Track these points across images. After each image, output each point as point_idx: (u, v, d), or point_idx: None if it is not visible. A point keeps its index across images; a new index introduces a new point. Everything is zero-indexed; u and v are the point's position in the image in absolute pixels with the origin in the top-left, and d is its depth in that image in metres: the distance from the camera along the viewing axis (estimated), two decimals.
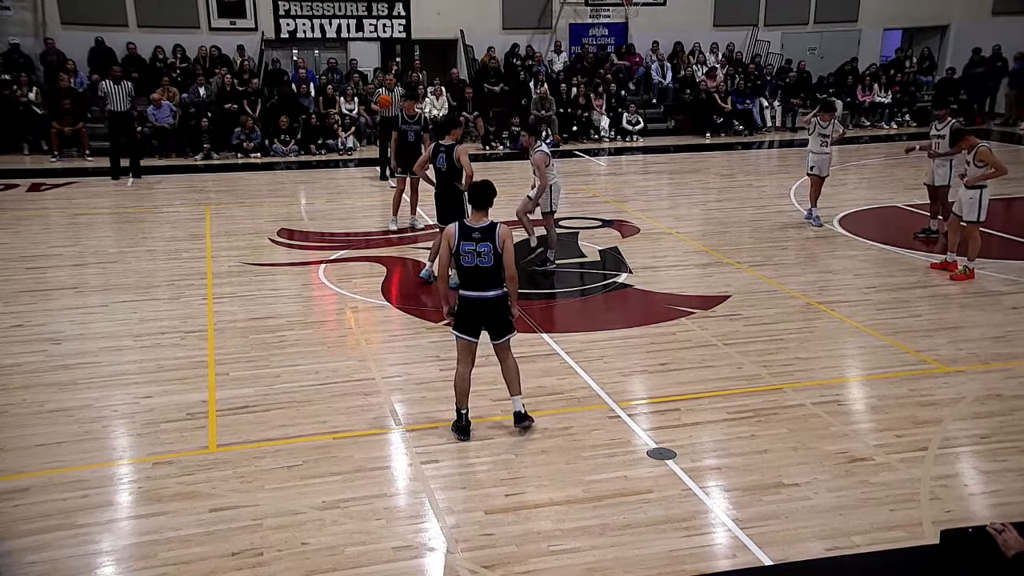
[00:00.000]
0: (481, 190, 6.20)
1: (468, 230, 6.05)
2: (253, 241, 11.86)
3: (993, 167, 9.77)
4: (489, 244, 6.01)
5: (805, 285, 9.92)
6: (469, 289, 6.14)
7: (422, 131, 12.16)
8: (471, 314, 6.18)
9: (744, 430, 6.48)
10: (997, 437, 6.39)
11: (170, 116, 18.05)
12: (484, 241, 6.01)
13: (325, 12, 20.72)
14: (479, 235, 6.02)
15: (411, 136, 12.12)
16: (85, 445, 6.31)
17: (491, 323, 6.22)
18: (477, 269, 6.06)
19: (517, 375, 6.37)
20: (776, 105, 21.95)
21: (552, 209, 10.45)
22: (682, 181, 16.41)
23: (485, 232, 6.03)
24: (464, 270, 6.11)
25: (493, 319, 6.20)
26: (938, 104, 12.62)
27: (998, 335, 8.42)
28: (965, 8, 24.14)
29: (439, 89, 19.93)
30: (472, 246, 6.01)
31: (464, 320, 6.21)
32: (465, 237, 6.03)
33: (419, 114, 12.37)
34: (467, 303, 6.17)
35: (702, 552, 5.07)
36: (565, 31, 22.39)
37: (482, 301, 6.13)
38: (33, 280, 10.16)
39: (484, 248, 6.01)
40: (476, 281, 6.10)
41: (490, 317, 6.19)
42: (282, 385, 7.28)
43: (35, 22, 19.34)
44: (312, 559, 4.98)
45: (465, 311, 6.19)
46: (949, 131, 11.14)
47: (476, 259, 6.04)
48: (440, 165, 9.43)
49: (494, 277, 6.10)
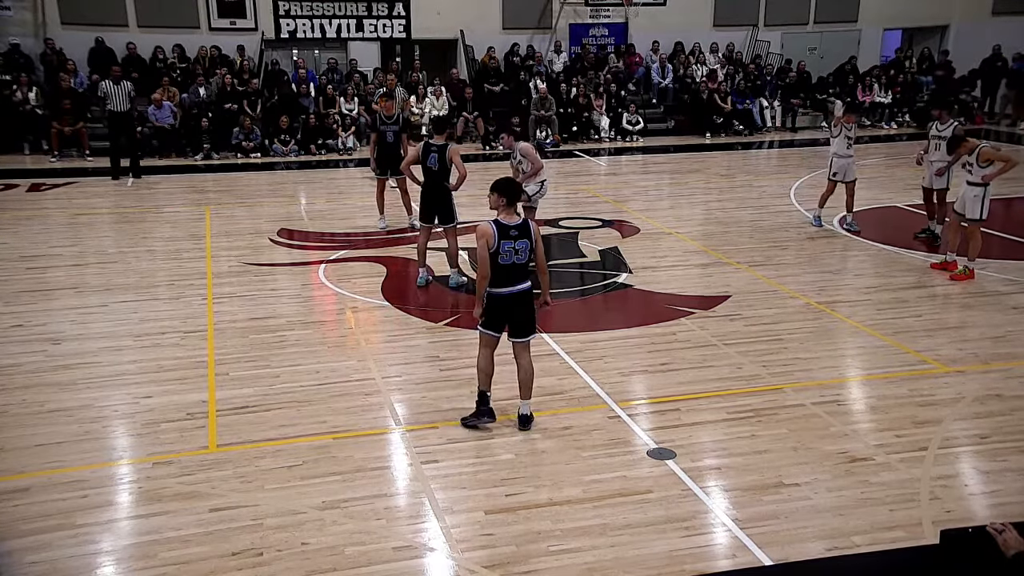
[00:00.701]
0: (512, 187, 6.32)
1: (505, 228, 6.12)
2: (253, 241, 11.87)
3: (1002, 161, 9.76)
4: (527, 240, 6.15)
5: (805, 285, 9.92)
6: (502, 286, 6.19)
7: (400, 132, 12.13)
8: (502, 311, 6.26)
9: (744, 430, 6.48)
10: (997, 437, 6.39)
11: (170, 116, 18.05)
12: (522, 238, 6.13)
13: (325, 12, 20.73)
14: (516, 232, 6.12)
15: (390, 137, 12.07)
16: (85, 445, 6.31)
17: (519, 317, 6.28)
18: (514, 266, 6.16)
19: (531, 380, 6.44)
20: (776, 105, 21.94)
21: (533, 203, 10.41)
22: (682, 181, 16.41)
23: (521, 229, 6.15)
24: (500, 268, 6.15)
25: (522, 313, 6.28)
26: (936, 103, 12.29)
27: (998, 335, 8.42)
28: (965, 8, 24.15)
29: (439, 89, 19.93)
30: (511, 244, 6.09)
31: (493, 317, 6.28)
32: (504, 236, 6.09)
33: (397, 114, 12.33)
34: (500, 300, 6.23)
35: (702, 552, 5.07)
36: (565, 31, 22.39)
37: (515, 295, 6.20)
38: (33, 280, 10.16)
39: (522, 245, 6.13)
40: (510, 277, 6.18)
41: (520, 310, 6.26)
42: (282, 385, 7.28)
43: (35, 22, 19.35)
44: (312, 559, 4.98)
45: (496, 308, 6.26)
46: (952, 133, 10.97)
47: (514, 256, 6.13)
48: (432, 165, 9.41)
49: (526, 271, 6.26)
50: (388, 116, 12.11)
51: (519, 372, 6.42)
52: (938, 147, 11.14)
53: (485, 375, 6.41)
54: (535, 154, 10.24)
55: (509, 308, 6.26)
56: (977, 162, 9.82)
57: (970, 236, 9.98)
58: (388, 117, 12.11)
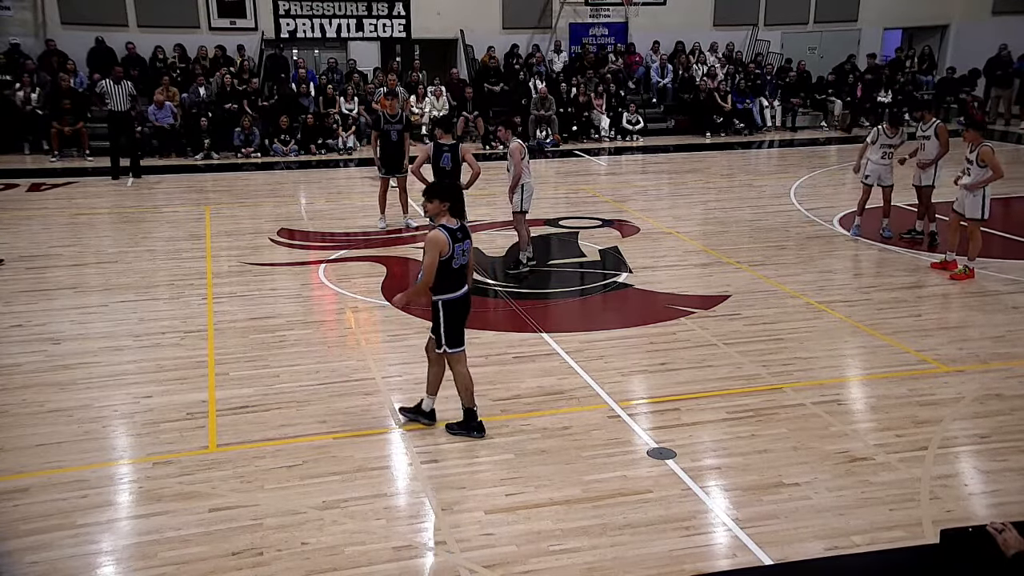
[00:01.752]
0: (456, 191, 6.37)
1: (453, 232, 6.06)
2: (253, 241, 11.87)
3: (992, 169, 9.75)
4: (469, 240, 6.19)
5: (805, 285, 9.92)
6: (457, 290, 6.16)
7: (403, 130, 12.11)
8: (464, 314, 6.26)
9: (744, 430, 6.48)
10: (997, 437, 6.39)
11: (170, 116, 18.05)
12: (466, 239, 6.16)
13: (325, 12, 20.74)
14: (461, 234, 6.12)
15: (394, 136, 12.06)
16: (85, 445, 6.31)
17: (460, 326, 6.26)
18: (463, 268, 6.17)
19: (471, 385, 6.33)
20: (776, 105, 21.95)
21: (523, 209, 10.25)
22: (682, 181, 16.40)
23: (464, 232, 6.17)
24: (454, 272, 6.10)
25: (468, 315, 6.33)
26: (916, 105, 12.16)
27: (998, 335, 8.41)
28: (965, 8, 24.15)
29: (439, 89, 19.94)
30: (461, 247, 6.09)
31: (459, 323, 6.22)
32: (456, 240, 6.05)
33: (400, 113, 12.31)
34: (462, 303, 6.21)
35: (702, 552, 5.07)
36: (565, 31, 22.39)
37: (468, 295, 6.25)
38: (33, 280, 10.16)
39: (468, 245, 6.18)
40: (461, 279, 6.18)
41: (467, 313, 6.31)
42: (282, 385, 7.28)
43: (35, 22, 19.35)
44: (312, 559, 4.98)
45: (461, 312, 6.22)
46: (934, 131, 11.13)
47: (463, 257, 6.14)
48: (445, 164, 9.41)
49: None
50: (391, 115, 12.10)
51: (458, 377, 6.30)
52: (923, 147, 11.27)
53: (468, 392, 6.31)
54: (519, 158, 9.91)
55: (467, 309, 6.27)
56: (976, 162, 9.81)
57: (971, 236, 9.98)
58: (391, 116, 12.10)
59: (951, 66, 23.32)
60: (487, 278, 10.22)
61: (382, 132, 12.12)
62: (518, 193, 10.11)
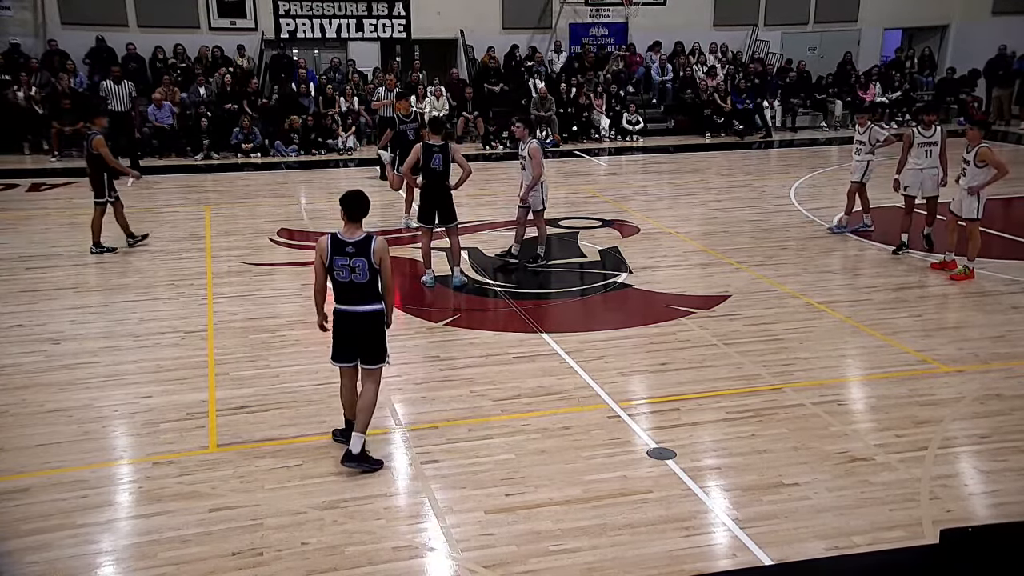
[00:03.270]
0: (354, 200, 5.77)
1: (341, 244, 5.68)
2: (253, 241, 11.86)
3: (995, 167, 9.71)
4: (363, 259, 5.67)
5: (805, 285, 9.92)
6: (343, 303, 5.77)
7: (419, 129, 12.12)
8: (346, 331, 5.82)
9: (744, 430, 6.48)
10: (997, 437, 6.39)
11: (169, 116, 18.04)
12: (359, 256, 5.66)
13: (325, 12, 20.73)
14: (353, 249, 5.67)
15: (411, 135, 12.08)
16: (85, 445, 6.31)
17: (364, 342, 5.84)
18: (352, 284, 5.71)
19: (368, 412, 5.88)
20: (776, 105, 21.94)
21: (543, 207, 10.45)
22: (682, 181, 16.41)
23: (359, 246, 5.68)
24: (338, 285, 5.75)
25: (366, 337, 5.83)
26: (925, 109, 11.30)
27: (998, 335, 8.41)
28: (965, 8, 24.15)
29: (439, 89, 19.92)
30: (346, 261, 5.66)
31: (338, 339, 5.87)
32: (338, 251, 5.67)
33: (414, 112, 12.32)
34: (342, 317, 5.79)
35: (702, 552, 5.07)
36: (565, 31, 22.39)
37: (356, 315, 5.76)
38: (33, 280, 10.16)
39: (358, 263, 5.66)
40: (350, 296, 5.74)
41: (364, 334, 5.82)
42: (282, 385, 7.28)
43: (35, 22, 19.34)
44: (312, 559, 4.98)
45: (339, 327, 5.83)
46: (940, 136, 10.75)
47: (351, 274, 5.68)
48: (435, 166, 9.39)
49: (370, 292, 5.77)
50: (406, 115, 12.13)
51: (360, 397, 5.93)
52: (929, 154, 10.73)
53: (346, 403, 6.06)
54: (540, 159, 10.17)
55: (353, 329, 5.80)
56: (974, 162, 9.78)
57: (969, 236, 9.96)
58: (406, 116, 12.13)
59: (951, 66, 23.33)
60: (487, 278, 10.22)
61: (398, 132, 12.14)
62: (538, 191, 10.23)
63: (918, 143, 10.77)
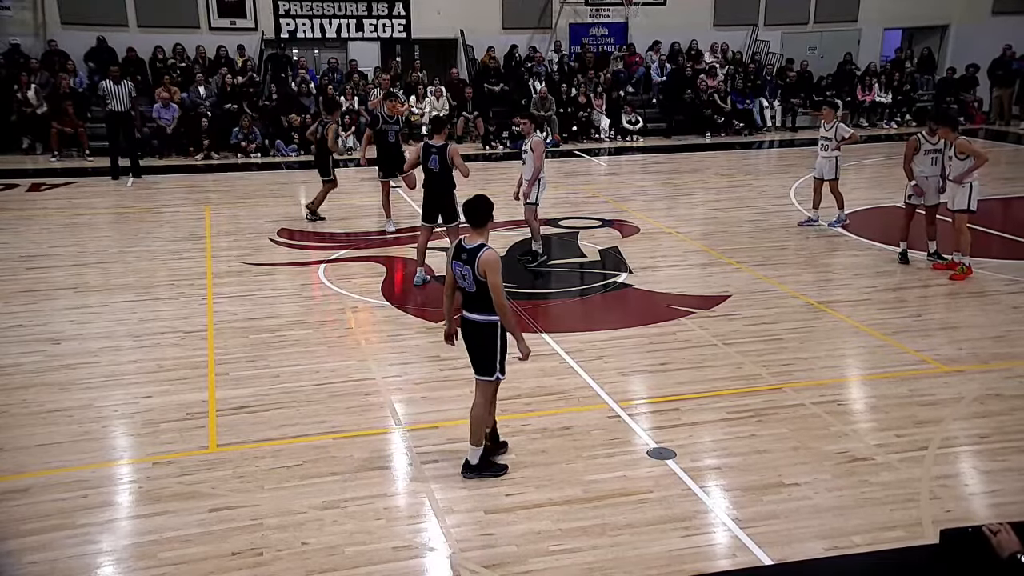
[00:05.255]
0: (471, 207, 5.72)
1: (460, 249, 5.65)
2: (253, 241, 11.86)
3: (974, 156, 9.76)
4: (469, 268, 5.55)
5: (804, 285, 9.92)
6: (463, 308, 5.77)
7: (400, 131, 12.05)
8: (463, 336, 5.84)
9: (744, 430, 6.48)
10: (997, 437, 6.39)
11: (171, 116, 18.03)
12: (467, 264, 5.56)
13: (325, 12, 20.73)
14: (466, 256, 5.57)
15: (391, 136, 11.99)
16: (85, 445, 6.31)
17: (472, 351, 5.80)
18: (464, 291, 5.70)
19: (477, 422, 5.81)
20: (776, 105, 21.95)
21: (537, 202, 10.45)
22: (682, 181, 16.41)
23: (471, 254, 5.55)
24: (460, 289, 5.73)
25: (473, 346, 5.78)
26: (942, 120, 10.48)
27: (998, 335, 8.41)
28: (965, 8, 24.15)
29: (439, 89, 19.93)
30: (460, 267, 5.62)
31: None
32: (456, 256, 5.65)
33: (400, 114, 12.22)
34: (461, 322, 5.83)
35: (702, 552, 5.07)
36: (565, 31, 22.39)
37: (465, 322, 5.75)
38: (33, 280, 10.16)
39: (467, 271, 5.57)
40: (465, 302, 5.74)
41: (471, 343, 5.79)
42: (282, 385, 7.28)
43: (35, 22, 19.34)
44: (312, 559, 4.98)
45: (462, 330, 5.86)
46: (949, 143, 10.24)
47: (462, 281, 5.65)
48: (433, 166, 9.36)
49: (479, 302, 5.64)
50: (390, 116, 11.99)
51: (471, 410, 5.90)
52: (935, 162, 10.35)
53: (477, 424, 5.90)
54: (541, 152, 10.25)
55: (465, 333, 5.82)
56: (955, 154, 9.84)
57: (958, 230, 9.95)
58: (390, 116, 11.99)
59: (951, 66, 23.33)
60: None
61: (379, 132, 12.01)
62: (536, 186, 10.27)
63: (924, 150, 10.38)
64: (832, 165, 12.26)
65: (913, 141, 10.56)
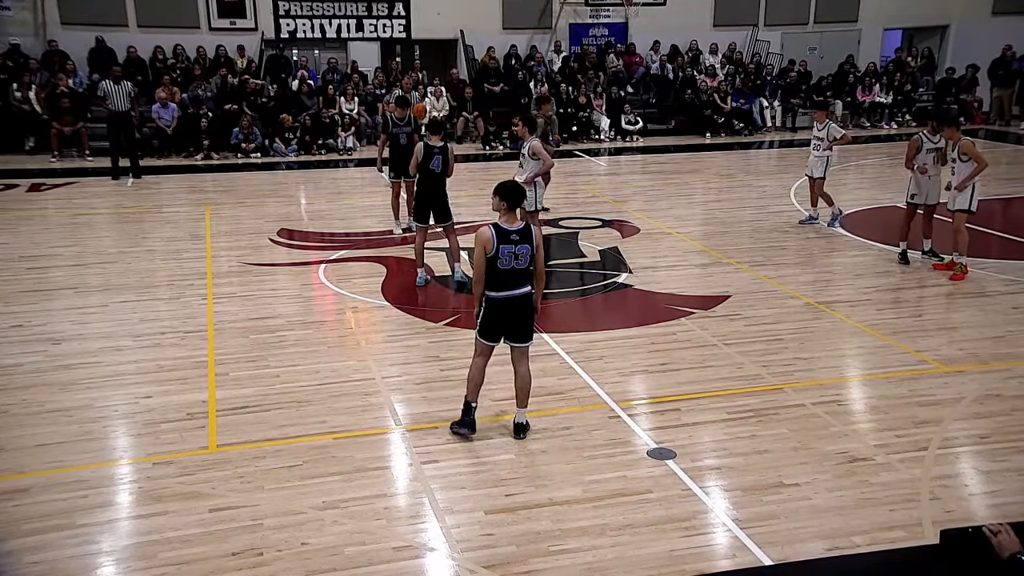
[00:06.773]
0: (513, 190, 6.19)
1: (505, 232, 6.03)
2: (253, 241, 11.86)
3: (975, 160, 9.77)
4: (527, 246, 6.04)
5: (805, 285, 9.92)
6: (499, 290, 6.09)
7: (412, 134, 12.09)
8: (499, 316, 6.15)
9: (744, 430, 6.48)
10: (997, 437, 6.39)
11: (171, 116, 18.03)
12: (523, 243, 6.03)
13: (325, 12, 20.73)
14: (517, 237, 6.03)
15: (403, 139, 12.03)
16: (85, 445, 6.31)
17: (516, 323, 6.18)
18: (513, 271, 6.05)
19: (528, 387, 6.34)
20: (776, 105, 21.95)
21: (536, 208, 10.42)
22: (682, 181, 16.41)
23: (522, 234, 6.05)
24: (499, 272, 6.05)
25: (520, 318, 6.18)
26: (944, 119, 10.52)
27: (998, 335, 8.42)
28: (965, 8, 24.15)
29: (439, 89, 19.93)
30: (511, 248, 6.00)
31: (490, 323, 6.18)
32: (504, 240, 6.00)
33: (409, 116, 12.26)
34: (498, 304, 6.12)
35: (702, 552, 5.07)
36: (565, 31, 22.40)
37: (513, 300, 6.10)
38: (33, 280, 10.16)
39: (522, 250, 6.03)
40: (508, 282, 6.08)
41: (518, 316, 6.16)
42: (282, 385, 7.28)
43: (35, 22, 19.33)
44: (312, 559, 4.98)
45: (494, 313, 6.15)
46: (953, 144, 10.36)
47: (514, 261, 6.02)
48: (435, 167, 9.49)
49: (527, 276, 6.14)
50: (400, 119, 12.08)
51: (517, 379, 6.32)
52: (937, 159, 10.40)
53: (475, 384, 6.34)
54: (544, 152, 10.22)
55: (508, 313, 6.15)
56: (959, 156, 9.84)
57: (956, 229, 9.95)
58: (400, 119, 12.07)
59: (951, 66, 23.34)
60: None
61: (391, 136, 12.09)
62: (531, 191, 10.12)
63: (926, 149, 10.37)
64: (821, 164, 12.36)
65: (915, 140, 10.58)
